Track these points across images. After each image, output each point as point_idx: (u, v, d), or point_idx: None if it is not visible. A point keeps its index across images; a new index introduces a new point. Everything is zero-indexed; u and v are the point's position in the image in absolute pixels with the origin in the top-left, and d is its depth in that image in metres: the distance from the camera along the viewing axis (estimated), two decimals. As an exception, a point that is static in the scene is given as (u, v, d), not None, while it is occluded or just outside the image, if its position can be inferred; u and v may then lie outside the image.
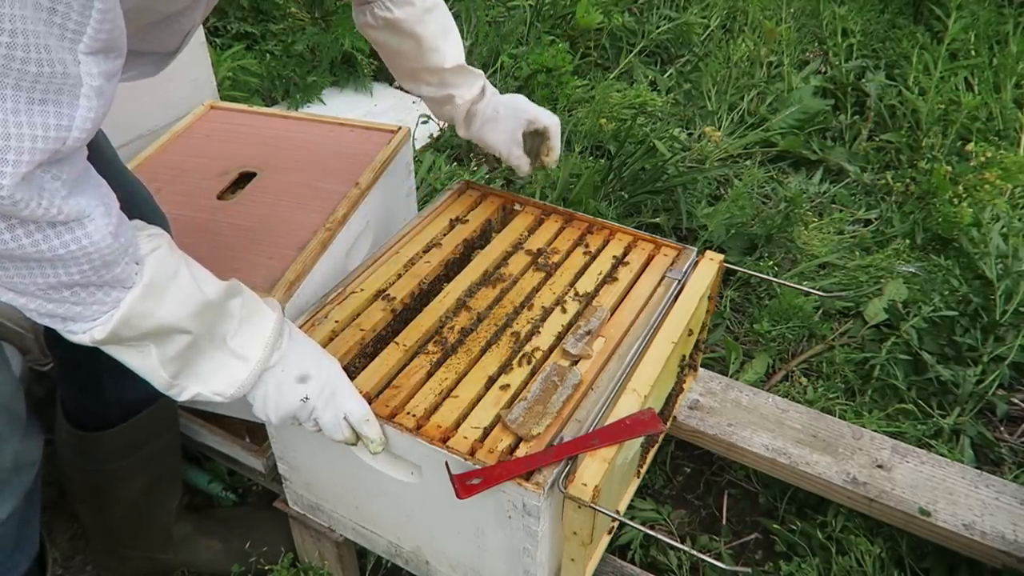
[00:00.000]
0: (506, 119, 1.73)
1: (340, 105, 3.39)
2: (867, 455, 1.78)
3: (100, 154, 1.44)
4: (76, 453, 1.62)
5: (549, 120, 1.76)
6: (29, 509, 1.43)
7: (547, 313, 1.53)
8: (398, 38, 1.61)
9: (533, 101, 1.78)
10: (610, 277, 1.63)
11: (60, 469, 1.67)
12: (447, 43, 1.63)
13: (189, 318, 1.07)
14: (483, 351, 1.44)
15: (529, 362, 1.42)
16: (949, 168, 2.88)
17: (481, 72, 1.71)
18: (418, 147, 3.09)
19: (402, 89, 3.55)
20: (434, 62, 1.63)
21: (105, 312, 1.00)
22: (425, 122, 3.17)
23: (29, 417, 1.41)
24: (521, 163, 1.78)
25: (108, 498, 1.67)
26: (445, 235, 1.74)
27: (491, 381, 1.39)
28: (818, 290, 2.33)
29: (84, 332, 1.01)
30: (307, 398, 1.22)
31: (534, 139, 1.79)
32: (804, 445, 1.80)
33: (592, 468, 1.22)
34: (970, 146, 2.99)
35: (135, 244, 1.03)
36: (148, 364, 1.09)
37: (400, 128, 2.06)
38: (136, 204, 1.51)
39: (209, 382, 1.14)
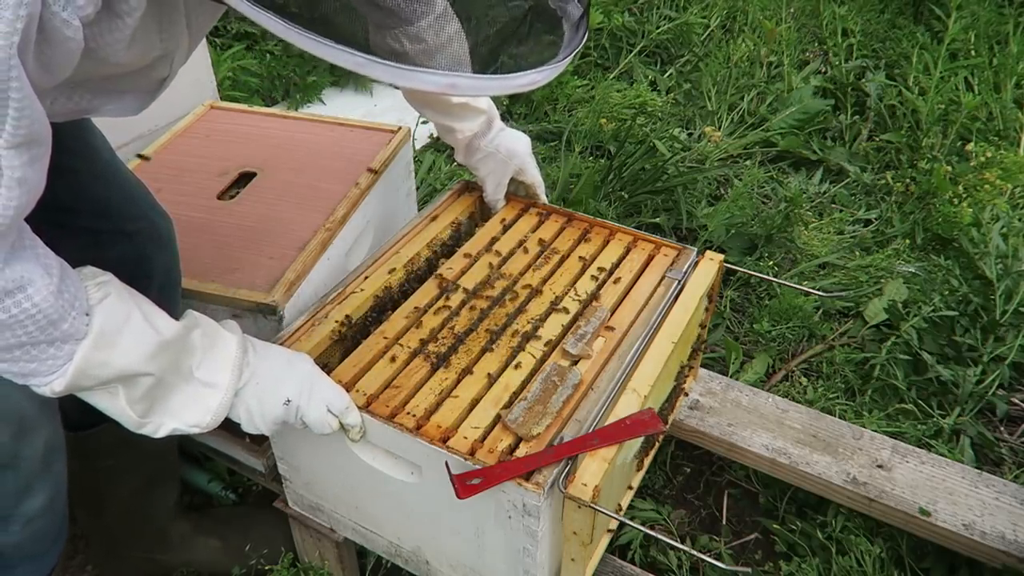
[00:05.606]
0: (501, 161, 1.78)
1: (340, 105, 3.39)
2: (867, 455, 1.78)
3: (98, 156, 1.45)
4: (70, 454, 1.62)
5: (534, 179, 1.82)
6: (65, 502, 1.44)
7: (547, 313, 1.53)
8: None
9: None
10: (610, 277, 1.63)
11: None
12: None
13: (147, 361, 1.10)
14: (483, 351, 1.44)
15: (529, 362, 1.42)
16: (949, 168, 2.88)
17: (486, 108, 1.73)
18: (418, 147, 3.09)
19: (402, 89, 3.56)
20: (441, 96, 1.65)
21: (60, 366, 1.03)
22: (425, 122, 3.15)
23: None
24: (497, 204, 1.84)
25: (104, 497, 1.67)
26: (450, 236, 1.75)
27: (491, 381, 1.39)
28: (818, 290, 2.33)
29: (44, 386, 1.04)
30: (289, 401, 1.25)
31: (520, 185, 1.85)
32: (804, 445, 1.80)
33: (592, 468, 1.22)
34: (970, 146, 2.99)
35: (82, 296, 1.04)
36: (117, 405, 1.12)
37: (400, 128, 2.06)
38: (136, 203, 1.52)
39: (182, 416, 1.17)
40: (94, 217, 1.43)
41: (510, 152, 1.77)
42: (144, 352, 1.09)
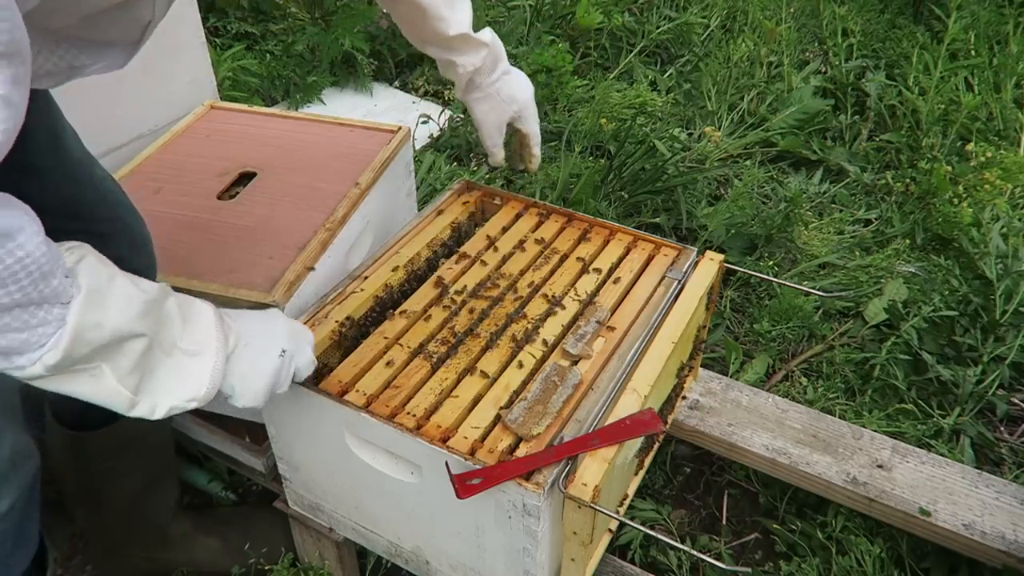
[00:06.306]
0: (499, 103, 1.73)
1: (340, 105, 3.39)
2: (867, 455, 1.78)
3: (69, 155, 1.39)
4: (68, 453, 1.62)
5: (530, 128, 1.77)
6: (29, 505, 1.42)
7: (547, 313, 1.53)
8: (405, 6, 1.61)
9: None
10: (610, 277, 1.63)
11: (54, 471, 1.67)
12: (453, 11, 1.62)
13: (139, 318, 1.02)
14: (483, 351, 1.44)
15: (529, 362, 1.42)
16: (949, 168, 2.88)
17: (487, 42, 1.67)
18: (418, 147, 3.09)
19: (402, 89, 3.57)
20: (439, 29, 1.62)
21: (52, 333, 0.93)
22: (425, 122, 3.17)
23: (24, 410, 1.41)
24: (494, 152, 1.78)
25: (103, 498, 1.67)
26: (450, 236, 1.75)
27: (491, 381, 1.39)
28: (818, 290, 2.33)
29: (35, 362, 0.94)
30: (284, 351, 1.21)
31: (519, 137, 1.81)
32: (804, 445, 1.80)
33: (592, 468, 1.22)
34: (970, 146, 2.99)
35: (60, 257, 0.96)
36: (105, 386, 1.03)
37: (400, 128, 2.06)
38: (110, 206, 1.47)
39: (176, 391, 1.10)
40: (64, 218, 1.32)
41: (510, 97, 1.72)
42: (135, 309, 1.02)
